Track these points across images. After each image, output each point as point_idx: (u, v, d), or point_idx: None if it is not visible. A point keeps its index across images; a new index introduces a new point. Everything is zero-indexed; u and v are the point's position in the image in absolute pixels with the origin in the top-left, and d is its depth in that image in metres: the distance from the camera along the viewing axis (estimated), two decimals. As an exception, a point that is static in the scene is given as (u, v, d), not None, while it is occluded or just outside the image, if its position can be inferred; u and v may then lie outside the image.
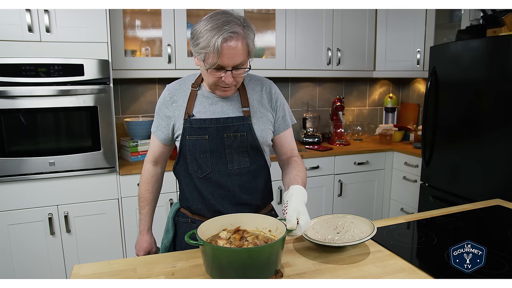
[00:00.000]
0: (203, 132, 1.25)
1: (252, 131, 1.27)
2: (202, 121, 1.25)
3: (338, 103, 3.19)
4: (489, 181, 2.20)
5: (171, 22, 2.54)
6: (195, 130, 1.25)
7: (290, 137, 1.38)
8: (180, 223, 1.38)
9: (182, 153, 1.28)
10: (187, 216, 1.35)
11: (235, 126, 1.25)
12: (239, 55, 1.14)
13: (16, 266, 2.18)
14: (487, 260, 0.98)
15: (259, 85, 1.33)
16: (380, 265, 1.07)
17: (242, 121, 1.26)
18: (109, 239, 2.35)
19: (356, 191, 3.03)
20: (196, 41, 1.14)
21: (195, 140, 1.25)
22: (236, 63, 1.15)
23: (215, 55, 1.11)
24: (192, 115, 1.26)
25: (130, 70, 2.51)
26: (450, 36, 2.98)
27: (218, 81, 1.18)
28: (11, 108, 2.04)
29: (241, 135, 1.26)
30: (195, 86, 1.29)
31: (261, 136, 1.29)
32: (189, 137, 1.25)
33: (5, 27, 2.01)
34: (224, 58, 1.12)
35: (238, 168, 1.27)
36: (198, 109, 1.27)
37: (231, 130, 1.25)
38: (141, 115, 2.87)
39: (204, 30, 1.11)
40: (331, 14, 2.98)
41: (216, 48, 1.09)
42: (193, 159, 1.26)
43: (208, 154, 1.25)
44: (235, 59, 1.14)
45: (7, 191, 2.11)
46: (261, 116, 1.30)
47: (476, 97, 2.25)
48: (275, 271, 0.97)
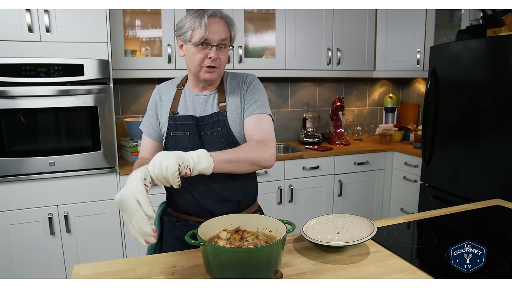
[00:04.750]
0: (185, 128, 1.29)
1: (227, 126, 1.28)
2: (185, 118, 1.30)
3: (338, 103, 3.19)
4: (489, 181, 2.20)
5: (171, 22, 2.54)
6: (178, 127, 1.30)
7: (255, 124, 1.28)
8: (165, 222, 1.39)
9: (166, 149, 1.31)
10: (172, 215, 1.36)
11: (211, 123, 1.28)
12: (223, 32, 1.23)
13: (16, 266, 2.18)
14: (487, 260, 0.98)
15: (240, 79, 1.35)
16: (380, 265, 1.07)
17: (217, 117, 1.29)
18: (109, 239, 2.35)
19: (356, 191, 3.03)
20: (180, 27, 1.24)
21: (177, 136, 1.30)
22: (221, 38, 1.22)
23: (202, 29, 1.19)
24: (176, 112, 1.32)
25: (130, 70, 2.51)
26: (450, 36, 2.98)
27: (204, 60, 1.23)
28: (11, 108, 2.04)
29: (217, 131, 1.28)
30: (180, 86, 1.36)
31: (236, 130, 1.29)
32: (173, 134, 1.30)
33: (5, 27, 2.01)
34: (210, 32, 1.20)
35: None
36: (181, 107, 1.33)
37: (208, 127, 1.28)
38: (141, 115, 2.87)
39: (188, 16, 1.23)
40: (331, 14, 2.98)
41: (204, 22, 1.19)
42: None
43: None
44: (220, 34, 1.22)
45: (7, 191, 2.11)
46: (236, 108, 1.30)
47: (476, 97, 2.25)
48: (275, 271, 0.97)
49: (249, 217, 1.11)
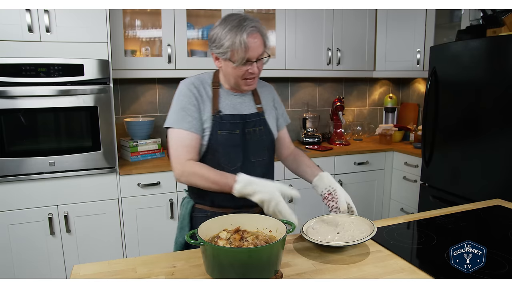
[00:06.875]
0: (235, 127, 1.35)
1: (267, 125, 1.42)
2: (232, 117, 1.36)
3: (338, 103, 3.19)
4: (489, 181, 2.20)
5: (171, 22, 2.54)
6: (226, 125, 1.34)
7: (287, 134, 1.59)
8: (198, 218, 1.40)
9: (212, 147, 1.34)
10: (205, 211, 1.40)
11: (254, 122, 1.39)
12: (260, 46, 1.27)
13: (16, 266, 2.18)
14: (487, 260, 0.98)
15: (265, 86, 1.50)
16: (380, 265, 1.07)
17: (258, 117, 1.41)
18: (109, 239, 2.35)
19: (356, 191, 3.02)
20: (219, 43, 1.25)
21: (227, 134, 1.34)
22: (259, 53, 1.28)
23: (242, 50, 1.23)
24: (220, 111, 1.35)
25: (130, 70, 2.51)
26: (450, 36, 2.98)
27: (245, 74, 1.29)
28: (11, 108, 2.04)
29: (259, 129, 1.40)
30: (216, 85, 1.39)
31: (273, 130, 1.45)
32: (221, 132, 1.33)
33: (5, 27, 2.01)
34: (250, 51, 1.24)
35: (259, 160, 1.40)
36: (223, 106, 1.37)
37: (250, 125, 1.38)
38: (141, 115, 2.87)
39: (225, 32, 1.23)
40: (331, 14, 2.98)
41: (243, 44, 1.22)
42: (225, 152, 1.34)
43: (239, 148, 1.35)
44: (258, 50, 1.27)
45: (7, 191, 2.11)
46: (270, 113, 1.46)
47: (476, 97, 2.25)
48: (275, 271, 0.97)
49: (249, 217, 1.11)
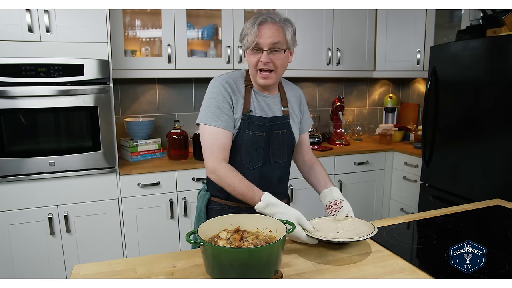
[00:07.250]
0: (261, 129, 1.37)
1: (290, 129, 1.44)
2: (261, 119, 1.37)
3: (338, 103, 3.19)
4: (489, 181, 2.20)
5: (171, 22, 2.54)
6: (254, 126, 1.36)
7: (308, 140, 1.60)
8: (213, 210, 1.44)
9: (237, 145, 1.36)
10: (219, 204, 1.43)
11: (279, 125, 1.41)
12: (274, 36, 1.28)
13: (16, 266, 2.18)
14: (487, 260, 0.98)
15: (293, 90, 1.51)
16: (380, 265, 1.07)
17: (283, 120, 1.42)
18: (109, 239, 2.35)
19: (356, 191, 3.03)
20: (241, 33, 1.33)
21: (252, 135, 1.36)
22: (272, 42, 1.28)
23: (253, 35, 1.27)
24: (251, 110, 1.37)
25: (130, 70, 2.51)
26: (450, 36, 2.98)
27: (258, 64, 1.31)
28: (11, 108, 2.04)
29: (282, 132, 1.42)
30: (249, 84, 1.40)
31: (296, 134, 1.47)
32: (248, 132, 1.35)
33: (5, 27, 2.01)
34: (261, 37, 1.27)
35: (279, 162, 1.43)
36: (254, 105, 1.38)
37: (275, 127, 1.40)
38: (141, 115, 2.87)
39: (247, 22, 1.31)
40: (331, 14, 2.98)
41: (255, 28, 1.27)
42: (247, 152, 1.37)
43: (262, 150, 1.38)
44: (271, 38, 1.28)
45: (7, 191, 2.11)
46: (294, 117, 1.47)
47: (476, 97, 2.25)
48: (275, 271, 0.97)
49: (249, 217, 1.11)
